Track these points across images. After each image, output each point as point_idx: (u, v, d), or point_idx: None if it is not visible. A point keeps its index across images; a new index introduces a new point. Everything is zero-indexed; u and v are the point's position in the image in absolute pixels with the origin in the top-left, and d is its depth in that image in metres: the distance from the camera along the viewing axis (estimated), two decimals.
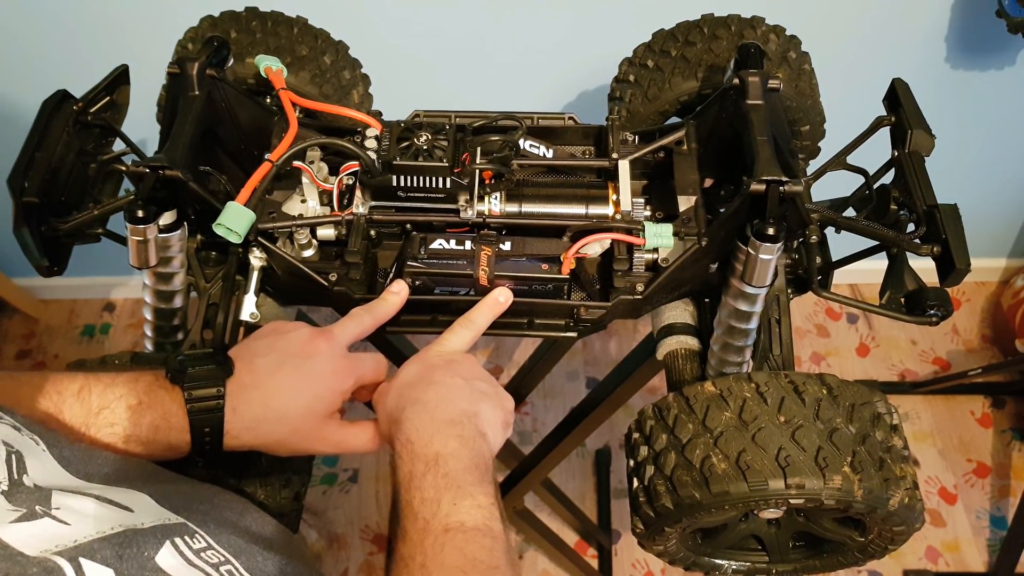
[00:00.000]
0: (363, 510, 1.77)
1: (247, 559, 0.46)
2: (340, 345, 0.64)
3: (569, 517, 1.65)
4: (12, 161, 0.66)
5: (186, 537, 0.44)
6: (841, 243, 0.74)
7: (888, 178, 0.72)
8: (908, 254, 0.68)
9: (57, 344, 2.02)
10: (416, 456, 0.55)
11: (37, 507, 0.41)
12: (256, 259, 0.71)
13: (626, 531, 1.74)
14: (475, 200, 0.71)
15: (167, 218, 0.65)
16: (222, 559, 0.45)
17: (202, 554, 0.44)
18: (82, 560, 0.39)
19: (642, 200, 0.74)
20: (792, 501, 0.62)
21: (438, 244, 0.69)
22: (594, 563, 1.70)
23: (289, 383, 0.60)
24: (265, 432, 0.60)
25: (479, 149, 0.71)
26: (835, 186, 0.77)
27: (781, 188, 0.62)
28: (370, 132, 0.72)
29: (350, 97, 0.86)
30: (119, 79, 0.75)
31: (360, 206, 0.72)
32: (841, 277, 0.79)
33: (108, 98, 0.74)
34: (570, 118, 0.78)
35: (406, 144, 0.68)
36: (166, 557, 0.42)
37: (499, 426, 0.62)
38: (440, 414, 0.58)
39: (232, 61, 0.75)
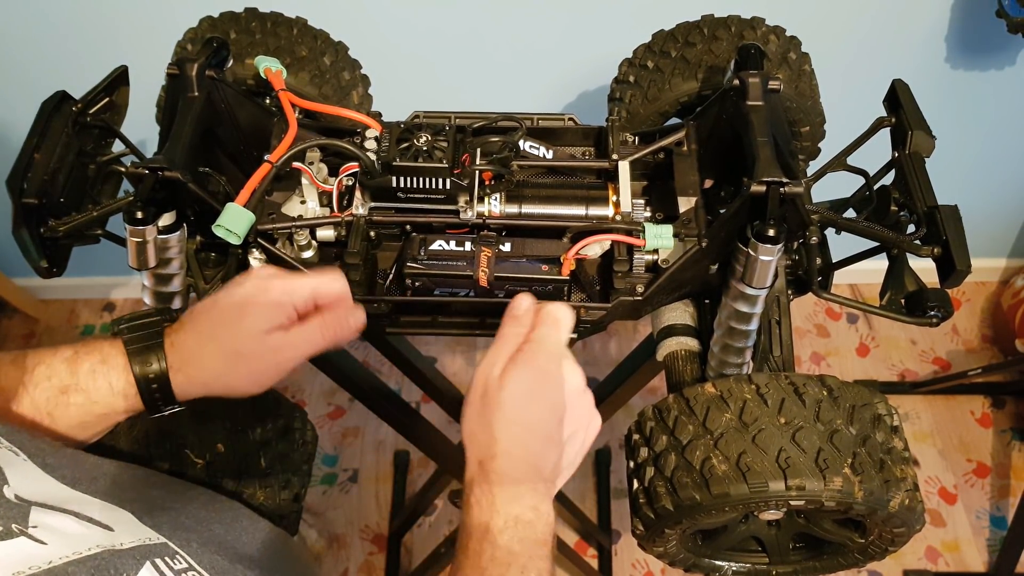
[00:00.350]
0: (363, 510, 1.77)
1: None
2: (275, 270, 0.61)
3: (569, 517, 1.65)
4: (11, 162, 0.66)
5: (166, 558, 0.43)
6: (841, 244, 0.74)
7: (888, 179, 0.72)
8: (908, 255, 0.68)
9: (57, 344, 2.02)
10: (496, 511, 0.53)
11: (14, 525, 0.41)
12: (256, 260, 0.71)
13: (626, 531, 1.74)
14: (475, 201, 0.70)
15: (166, 219, 0.65)
16: None
17: (182, 575, 0.43)
18: None
19: (642, 201, 0.74)
20: (792, 503, 0.62)
21: (438, 245, 0.69)
22: (594, 563, 1.70)
23: (224, 309, 0.59)
24: (213, 365, 0.58)
25: (479, 150, 0.71)
26: (835, 187, 0.77)
27: (781, 189, 0.62)
28: (370, 133, 0.72)
29: (350, 98, 0.86)
30: (118, 80, 0.75)
31: (360, 207, 0.72)
32: (841, 277, 0.79)
33: (107, 99, 0.74)
34: (570, 119, 0.78)
35: (406, 145, 0.68)
36: None
37: (567, 477, 0.59)
38: (530, 476, 0.55)
39: (232, 62, 0.75)
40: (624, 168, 0.73)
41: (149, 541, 0.45)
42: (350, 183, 0.72)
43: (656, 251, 0.70)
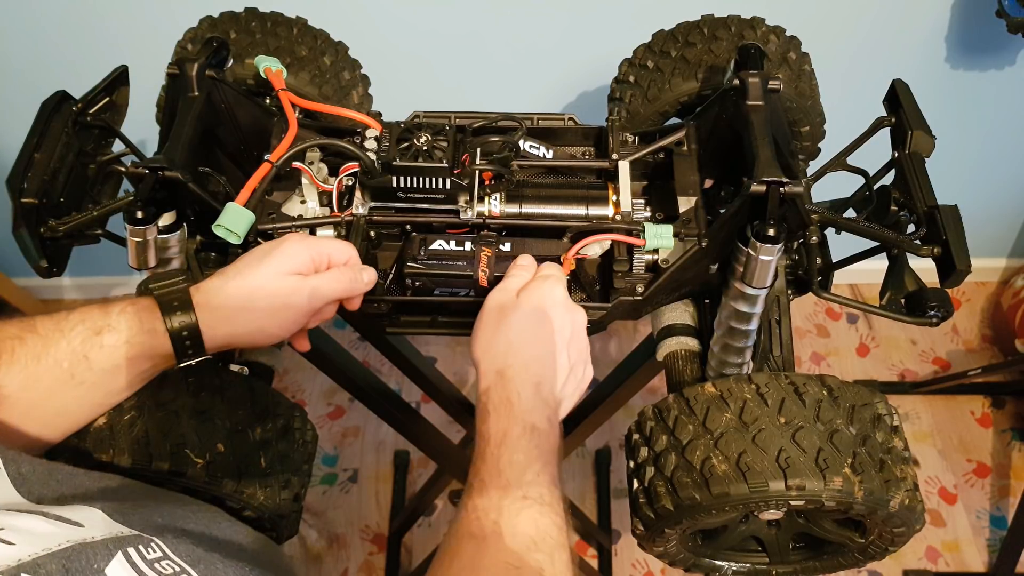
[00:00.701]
0: (363, 510, 1.77)
1: (205, 567, 0.45)
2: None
3: (569, 517, 1.65)
4: (11, 162, 0.66)
5: (140, 547, 0.43)
6: (841, 244, 0.74)
7: (888, 179, 0.72)
8: (908, 255, 0.68)
9: None
10: (515, 418, 0.57)
11: None
12: None
13: (626, 531, 1.74)
14: (475, 201, 0.70)
15: (166, 219, 0.65)
16: (178, 569, 0.43)
17: (156, 564, 0.43)
18: None
19: (642, 201, 0.74)
20: (792, 502, 0.62)
21: (438, 245, 0.69)
22: (594, 563, 1.70)
23: (249, 255, 0.62)
24: (237, 299, 0.60)
25: (479, 150, 0.71)
26: (835, 187, 0.77)
27: (781, 189, 0.62)
28: (370, 133, 0.72)
29: (350, 98, 0.86)
30: (118, 80, 0.75)
31: (360, 207, 0.72)
32: (841, 277, 0.79)
33: (107, 99, 0.74)
34: (570, 119, 0.78)
35: (406, 145, 0.68)
36: (117, 568, 0.41)
37: (569, 409, 0.64)
38: (543, 391, 0.59)
39: (232, 62, 0.75)
40: (624, 168, 0.73)
41: (121, 533, 0.45)
42: (350, 183, 0.72)
43: (656, 251, 0.70)
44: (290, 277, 0.61)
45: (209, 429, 0.63)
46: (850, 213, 0.74)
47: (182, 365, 0.59)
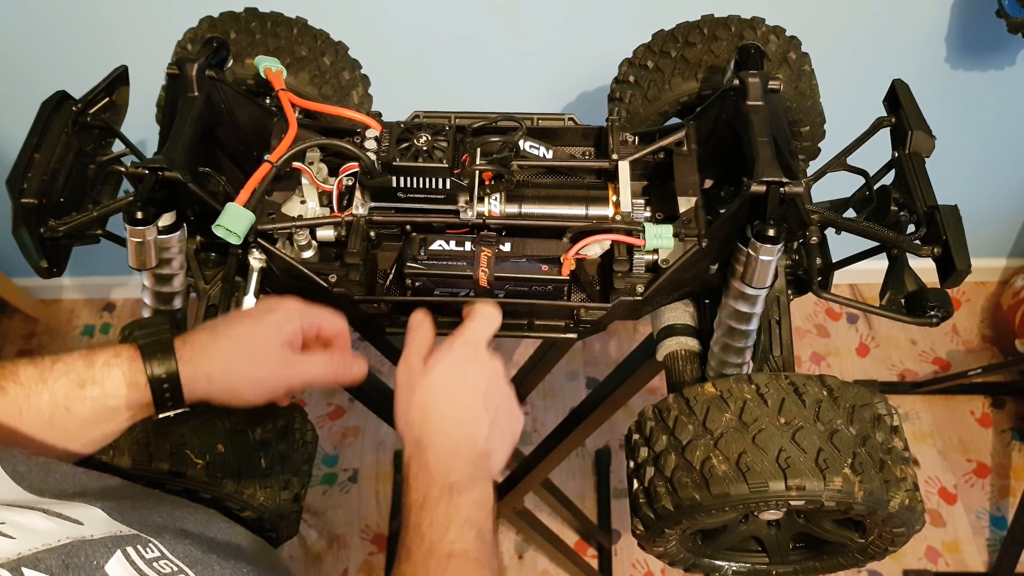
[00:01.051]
0: (363, 510, 1.77)
1: (203, 568, 0.46)
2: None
3: (569, 517, 1.65)
4: (11, 162, 0.65)
5: (138, 547, 0.43)
6: (841, 244, 0.74)
7: (888, 179, 0.72)
8: (908, 255, 0.68)
9: (57, 344, 2.02)
10: (432, 481, 0.56)
11: None
12: (256, 260, 0.71)
13: (626, 531, 1.74)
14: (475, 201, 0.70)
15: (166, 219, 0.65)
16: (175, 568, 0.44)
17: (154, 563, 0.43)
18: (25, 570, 0.38)
19: (642, 201, 0.74)
20: (792, 503, 0.62)
21: (438, 245, 0.69)
22: (594, 563, 1.70)
23: (242, 315, 0.62)
24: (222, 359, 0.60)
25: (479, 150, 0.71)
26: (835, 187, 0.77)
27: (781, 189, 0.62)
28: (370, 133, 0.72)
29: (350, 98, 0.86)
30: (118, 80, 0.75)
31: (360, 207, 0.72)
32: (841, 277, 0.79)
33: (107, 99, 0.74)
34: (570, 119, 0.78)
35: (406, 145, 0.68)
36: (115, 567, 0.41)
37: (503, 462, 0.63)
38: (461, 449, 0.59)
39: (232, 62, 0.75)
40: (624, 168, 0.73)
41: (120, 532, 0.45)
42: (350, 183, 0.72)
43: (656, 251, 0.70)
44: (279, 350, 0.61)
45: (209, 429, 0.63)
46: (850, 213, 0.74)
47: (160, 416, 0.59)
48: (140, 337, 0.59)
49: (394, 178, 0.69)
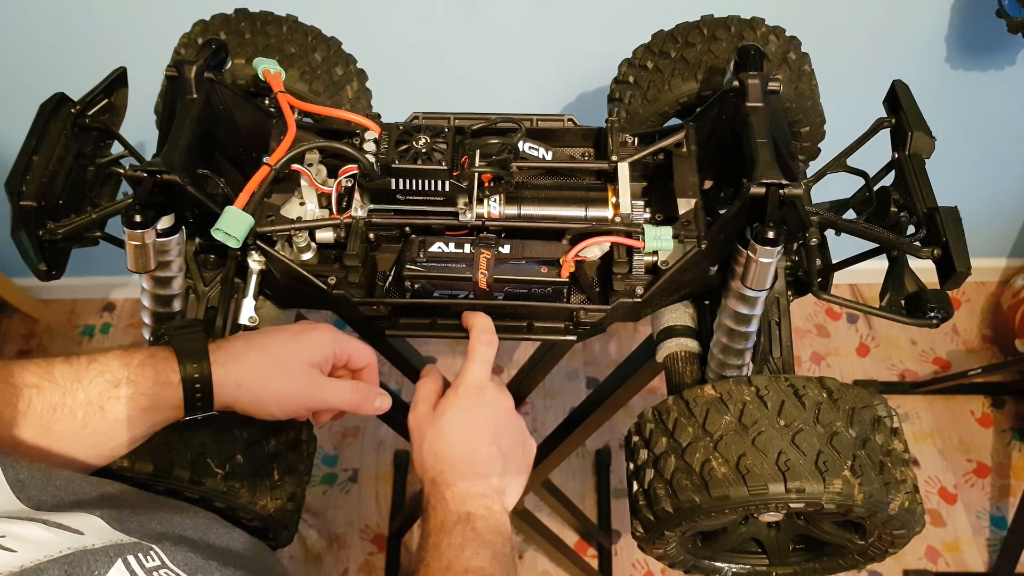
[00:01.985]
0: (363, 510, 1.77)
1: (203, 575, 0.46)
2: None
3: (569, 517, 1.65)
4: (10, 164, 0.65)
5: (139, 555, 0.43)
6: (841, 244, 0.74)
7: (888, 180, 0.71)
8: (908, 256, 0.68)
9: (57, 344, 2.02)
10: (449, 511, 0.59)
11: None
12: (255, 262, 0.71)
13: (626, 531, 1.74)
14: (474, 203, 0.70)
15: (165, 222, 0.65)
16: None
17: (155, 572, 0.44)
18: None
19: (642, 202, 0.74)
20: (792, 505, 0.62)
21: (437, 247, 0.69)
22: (594, 563, 1.70)
23: (279, 331, 0.64)
24: (254, 368, 0.61)
25: (478, 152, 0.71)
26: (835, 188, 0.77)
27: (781, 191, 0.61)
28: (369, 135, 0.72)
29: (343, 93, 0.85)
30: (117, 82, 0.75)
31: (359, 209, 0.71)
32: (841, 277, 0.79)
33: (106, 101, 0.74)
34: (569, 120, 0.78)
35: (405, 147, 0.68)
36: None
37: (518, 494, 0.66)
38: (474, 488, 0.62)
39: (230, 64, 0.75)
40: (623, 169, 0.73)
41: (121, 541, 0.46)
42: (349, 185, 0.72)
43: (656, 253, 0.70)
44: (309, 369, 0.63)
45: (228, 439, 0.63)
46: (850, 214, 0.74)
47: (187, 419, 0.60)
48: (175, 339, 0.60)
49: (393, 180, 0.69)
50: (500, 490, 0.63)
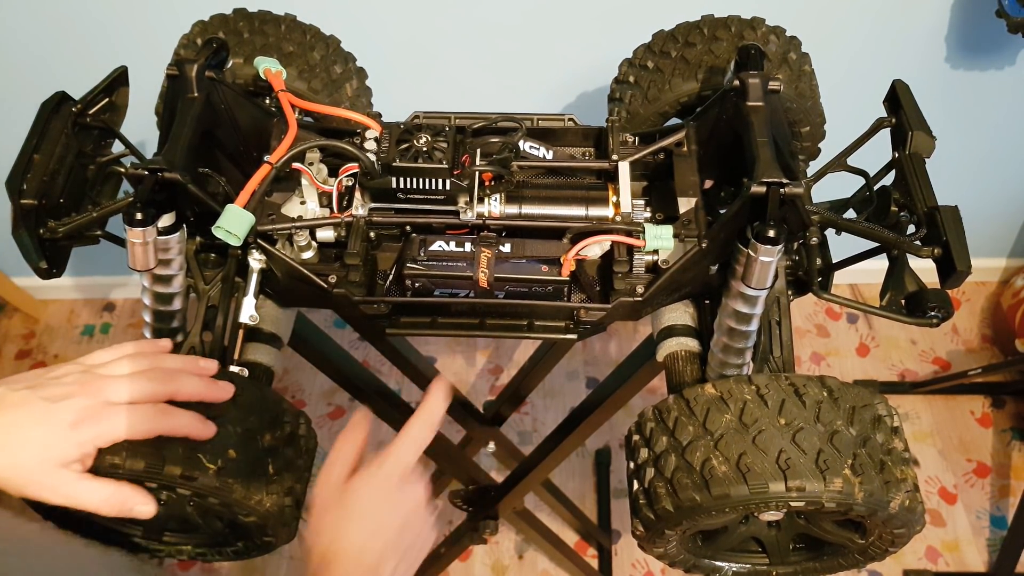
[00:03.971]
0: None
1: None
2: (102, 392, 0.59)
3: (569, 517, 1.65)
4: (10, 163, 0.65)
5: None
6: (841, 244, 0.74)
7: (888, 179, 0.72)
8: (908, 255, 0.68)
9: (57, 344, 2.02)
10: None
11: None
12: (255, 261, 0.71)
13: (626, 531, 1.74)
14: (475, 202, 0.70)
15: (166, 220, 0.65)
16: None
17: None
18: None
19: (642, 202, 0.74)
20: (793, 504, 0.62)
21: (438, 246, 0.69)
22: (594, 563, 1.70)
23: (24, 419, 0.56)
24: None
25: (479, 151, 0.71)
26: (835, 187, 0.77)
27: (781, 190, 0.62)
28: (369, 134, 0.72)
29: (343, 91, 0.85)
30: (118, 80, 0.75)
31: (359, 208, 0.71)
32: (841, 277, 0.79)
33: (107, 99, 0.74)
34: (570, 119, 0.78)
35: (405, 146, 0.68)
36: None
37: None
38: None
39: (231, 63, 0.75)
40: (624, 169, 0.73)
41: None
42: (350, 184, 0.72)
43: (656, 252, 0.70)
44: (57, 472, 0.57)
45: (222, 434, 0.63)
46: (850, 214, 0.74)
47: None
48: None
49: (394, 179, 0.69)
50: None
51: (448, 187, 0.69)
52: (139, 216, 0.62)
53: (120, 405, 0.58)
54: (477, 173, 0.70)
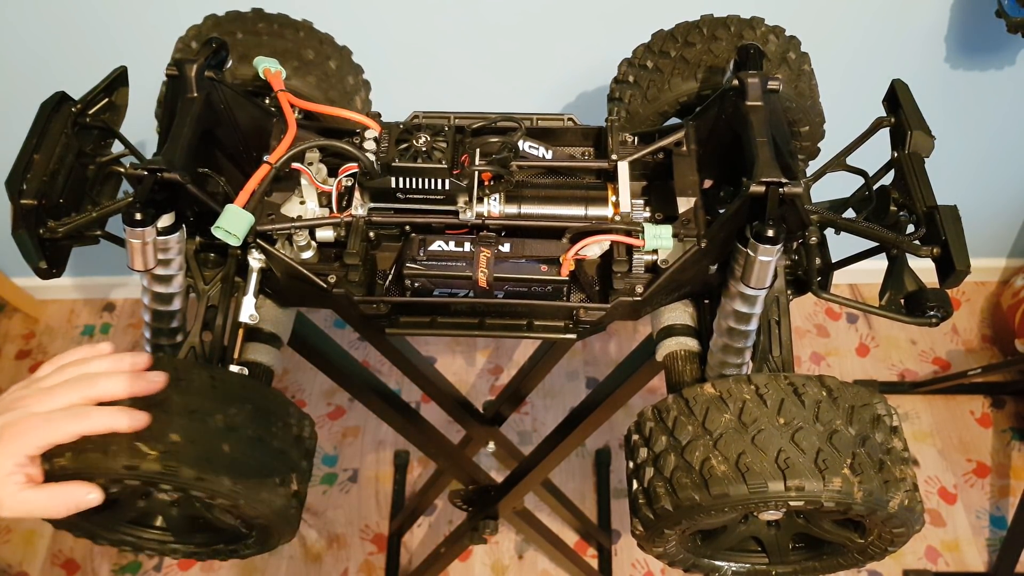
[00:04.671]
0: (363, 510, 1.77)
1: None
2: (29, 405, 0.60)
3: (569, 517, 1.65)
4: (10, 163, 0.65)
5: None
6: (841, 244, 0.74)
7: (888, 179, 0.72)
8: (908, 255, 0.68)
9: (57, 344, 2.02)
10: None
11: None
12: (255, 261, 0.71)
13: (626, 531, 1.74)
14: (474, 202, 0.70)
15: (165, 220, 0.65)
16: None
17: None
18: None
19: (641, 201, 0.74)
20: (792, 503, 0.62)
21: (437, 246, 0.69)
22: (594, 563, 1.70)
23: None
24: None
25: (478, 150, 0.71)
26: (835, 187, 0.77)
27: (781, 190, 0.62)
28: (369, 134, 0.72)
29: (353, 103, 0.86)
30: (117, 80, 0.75)
31: (359, 208, 0.72)
32: (841, 277, 0.79)
33: (107, 99, 0.74)
34: (569, 119, 0.78)
35: (405, 146, 0.68)
36: None
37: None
38: None
39: (231, 63, 0.75)
40: (623, 168, 0.73)
41: None
42: (349, 184, 0.72)
43: (655, 251, 0.70)
44: None
45: (162, 420, 0.62)
46: (850, 213, 0.74)
47: None
48: None
49: (393, 179, 0.69)
50: None
51: (447, 187, 0.69)
52: (139, 216, 0.62)
53: (40, 414, 0.59)
54: (476, 173, 0.70)
